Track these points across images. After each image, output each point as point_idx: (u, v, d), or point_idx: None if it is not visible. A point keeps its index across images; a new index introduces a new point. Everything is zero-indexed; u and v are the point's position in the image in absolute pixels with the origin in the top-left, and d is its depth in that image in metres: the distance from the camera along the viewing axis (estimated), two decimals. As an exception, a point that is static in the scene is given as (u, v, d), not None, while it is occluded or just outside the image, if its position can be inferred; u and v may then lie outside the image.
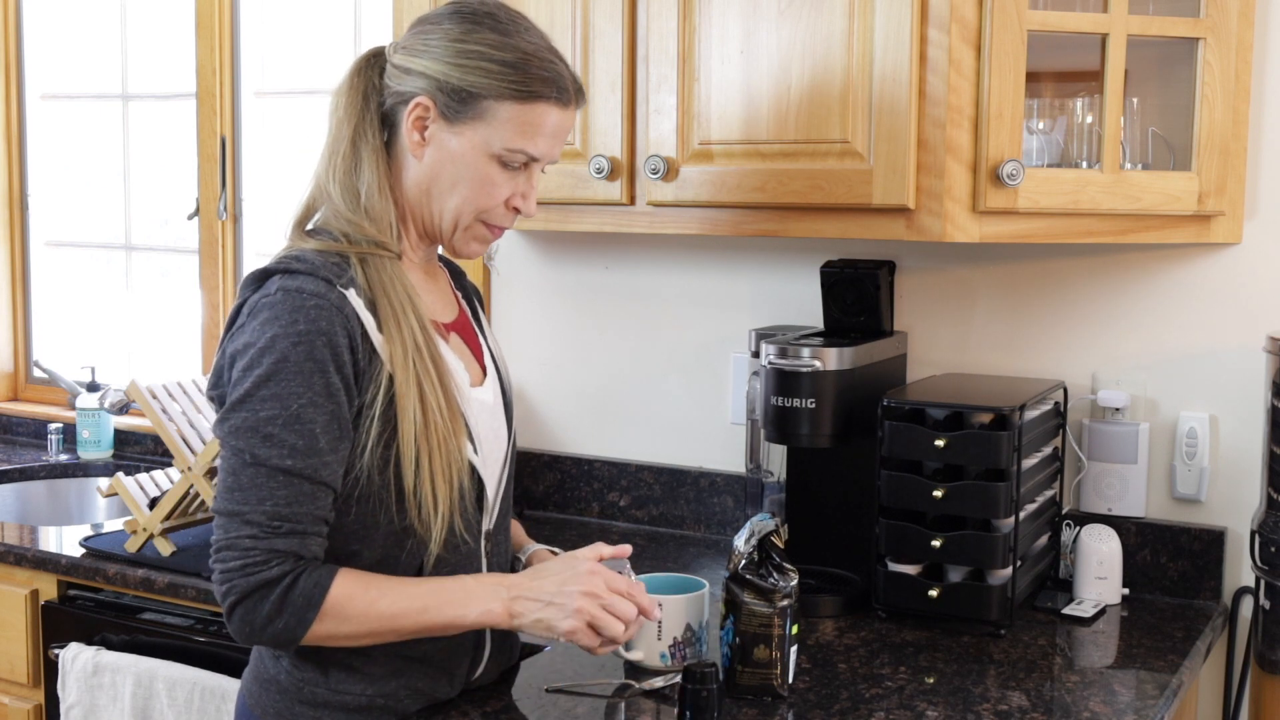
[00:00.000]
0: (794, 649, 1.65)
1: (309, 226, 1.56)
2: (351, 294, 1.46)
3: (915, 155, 1.87)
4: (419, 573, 1.53)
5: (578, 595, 1.49)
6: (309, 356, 1.42)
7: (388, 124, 1.56)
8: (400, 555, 1.51)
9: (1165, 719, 1.68)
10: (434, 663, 1.57)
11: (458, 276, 1.76)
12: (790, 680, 1.65)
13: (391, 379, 1.46)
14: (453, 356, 1.57)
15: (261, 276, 1.49)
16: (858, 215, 1.94)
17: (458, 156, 1.52)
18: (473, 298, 1.75)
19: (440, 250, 1.69)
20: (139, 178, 3.37)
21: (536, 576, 1.52)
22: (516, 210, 1.58)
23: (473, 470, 1.55)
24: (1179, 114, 2.00)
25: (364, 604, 1.44)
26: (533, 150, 1.53)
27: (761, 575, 1.63)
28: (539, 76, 1.51)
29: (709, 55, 2.02)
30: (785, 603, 1.62)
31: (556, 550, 1.74)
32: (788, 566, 1.65)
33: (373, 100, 1.55)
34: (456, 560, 1.56)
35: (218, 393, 1.48)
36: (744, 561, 1.63)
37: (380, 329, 1.47)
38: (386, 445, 1.47)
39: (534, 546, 1.76)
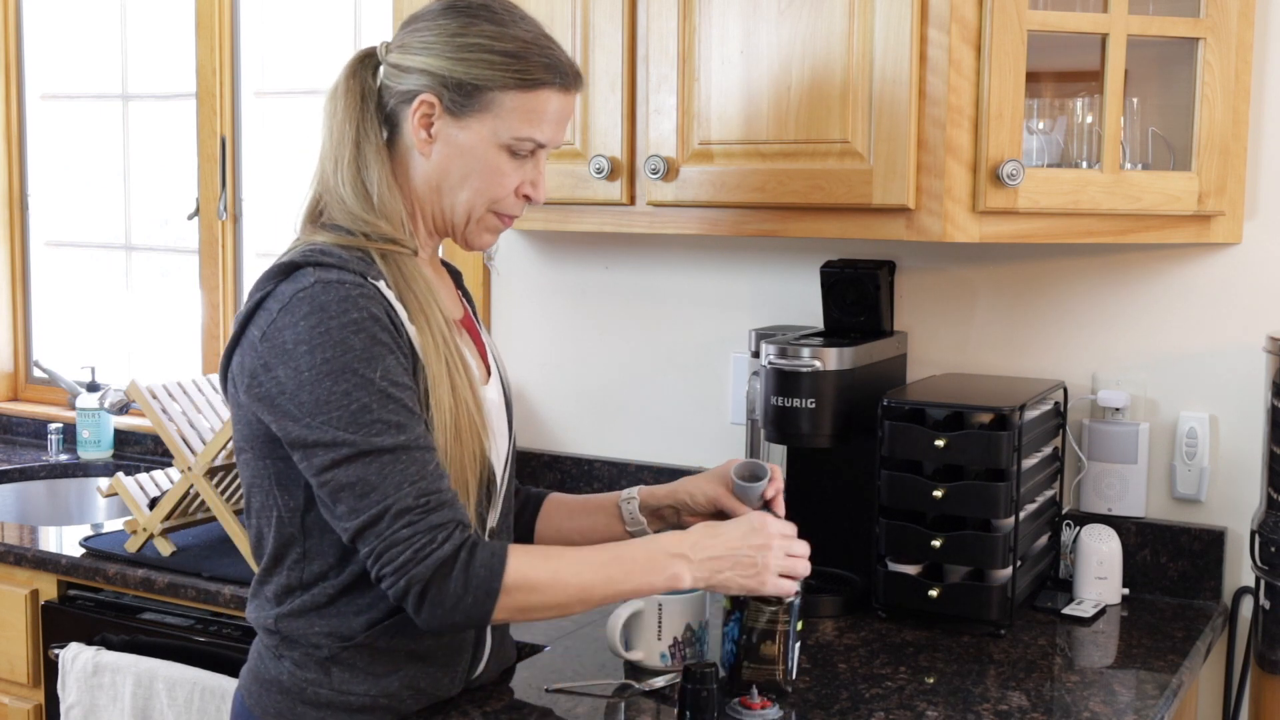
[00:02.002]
0: (797, 644, 1.64)
1: (319, 222, 1.56)
2: (382, 285, 1.47)
3: (915, 155, 1.87)
4: None
5: (763, 551, 1.50)
6: (374, 340, 1.41)
7: (388, 124, 1.56)
8: None
9: (1165, 719, 1.68)
10: (435, 660, 1.56)
11: (456, 278, 1.76)
12: (794, 675, 1.64)
13: (425, 371, 1.46)
14: (467, 353, 1.58)
15: (289, 269, 1.46)
16: (858, 215, 1.94)
17: (467, 150, 1.53)
18: (470, 300, 1.76)
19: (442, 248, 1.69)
20: (139, 178, 3.37)
21: (712, 535, 1.52)
22: (527, 198, 1.58)
23: (489, 465, 1.56)
24: (1179, 114, 2.00)
25: (548, 573, 1.43)
26: (540, 137, 1.54)
27: None
28: (540, 63, 1.51)
29: (709, 55, 2.02)
30: (791, 598, 1.61)
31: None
32: None
33: (370, 101, 1.55)
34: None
35: (252, 386, 1.44)
36: None
37: (411, 321, 1.48)
38: None
39: (632, 491, 1.76)
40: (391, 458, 1.40)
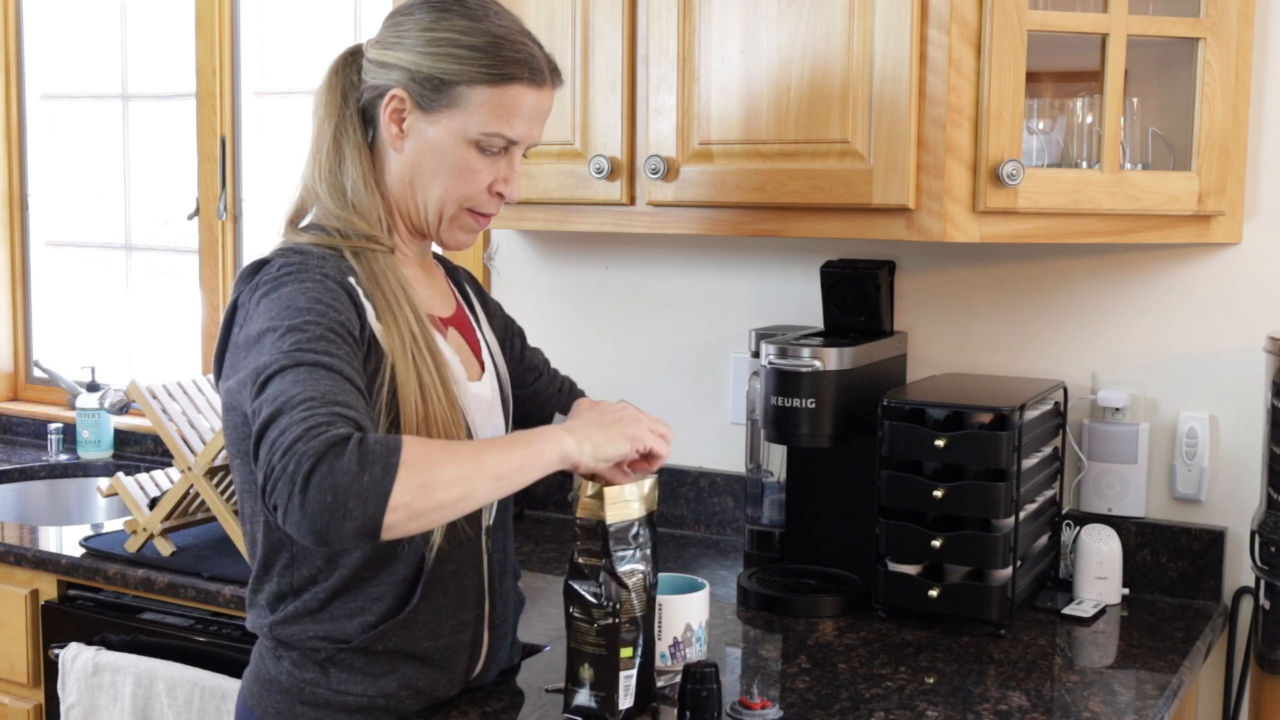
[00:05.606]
0: (628, 674, 1.49)
1: (301, 225, 1.56)
2: (351, 281, 1.47)
3: (915, 155, 1.87)
4: (422, 563, 1.53)
5: (635, 421, 1.52)
6: (318, 300, 1.40)
7: (368, 119, 1.56)
8: (402, 545, 1.51)
9: (1165, 719, 1.68)
10: (433, 661, 1.57)
11: (451, 271, 1.76)
12: (623, 708, 1.49)
13: (393, 369, 1.46)
14: (449, 350, 1.57)
15: (258, 266, 1.48)
16: (858, 215, 1.94)
17: (436, 146, 1.52)
18: (466, 286, 1.75)
19: (436, 248, 1.69)
20: (139, 178, 3.37)
21: (598, 413, 1.52)
22: (501, 196, 1.57)
23: None
24: (1179, 114, 2.00)
25: (443, 450, 1.32)
26: (510, 133, 1.52)
27: (592, 584, 1.47)
28: (511, 59, 1.50)
29: (709, 55, 2.02)
30: (609, 621, 1.46)
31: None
32: (623, 580, 1.48)
33: (352, 97, 1.55)
34: (460, 555, 1.56)
35: (235, 385, 1.43)
36: (571, 563, 1.49)
37: (378, 319, 1.47)
38: None
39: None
40: (309, 369, 1.32)
